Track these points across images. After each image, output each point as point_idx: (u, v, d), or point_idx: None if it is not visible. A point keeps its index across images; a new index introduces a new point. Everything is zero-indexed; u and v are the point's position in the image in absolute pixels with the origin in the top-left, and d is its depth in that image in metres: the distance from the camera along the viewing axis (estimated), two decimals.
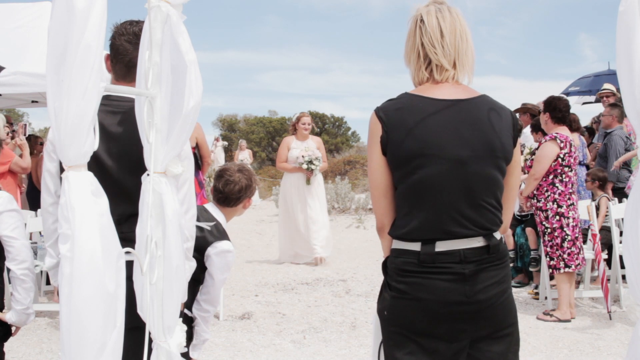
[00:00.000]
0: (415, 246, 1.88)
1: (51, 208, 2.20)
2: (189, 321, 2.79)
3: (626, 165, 6.87)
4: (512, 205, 2.06)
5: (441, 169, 1.85)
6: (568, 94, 10.97)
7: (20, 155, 6.32)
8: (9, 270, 2.55)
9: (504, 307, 1.91)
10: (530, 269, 6.19)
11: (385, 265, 1.99)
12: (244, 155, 17.97)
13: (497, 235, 1.93)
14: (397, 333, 1.91)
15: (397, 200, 1.94)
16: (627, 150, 6.86)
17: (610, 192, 6.49)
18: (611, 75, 10.49)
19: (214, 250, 2.78)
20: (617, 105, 7.06)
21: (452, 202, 1.86)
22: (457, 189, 1.85)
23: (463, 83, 1.98)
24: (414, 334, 1.88)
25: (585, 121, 8.74)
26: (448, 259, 1.85)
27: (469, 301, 1.85)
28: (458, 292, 1.85)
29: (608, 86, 8.48)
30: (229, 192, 2.95)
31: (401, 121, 1.88)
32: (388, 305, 1.93)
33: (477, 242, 1.87)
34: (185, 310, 2.71)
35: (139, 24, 2.20)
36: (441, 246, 1.86)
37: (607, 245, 5.93)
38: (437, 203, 1.86)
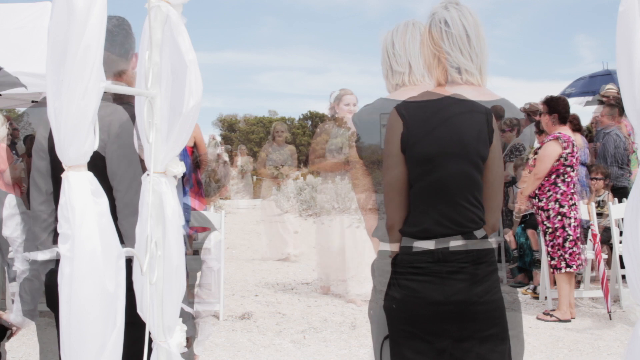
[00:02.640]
0: (395, 247, 1.87)
1: (42, 206, 2.17)
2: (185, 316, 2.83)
3: (626, 165, 6.86)
4: (496, 203, 1.97)
5: (411, 168, 1.84)
6: (568, 95, 10.97)
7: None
8: (9, 271, 2.56)
9: (487, 306, 1.87)
10: (533, 269, 6.19)
11: (372, 269, 1.99)
12: (245, 161, 18.03)
13: (479, 233, 1.89)
14: (382, 333, 1.92)
15: (379, 202, 1.95)
16: (625, 150, 6.85)
17: (610, 191, 6.49)
18: (606, 76, 10.48)
19: (210, 243, 2.86)
20: (614, 105, 7.06)
21: (427, 201, 1.84)
22: (429, 187, 1.84)
23: (432, 82, 1.99)
24: (397, 335, 1.88)
25: (585, 122, 8.74)
26: (426, 258, 1.83)
27: (447, 301, 1.82)
28: (436, 292, 1.82)
29: (613, 86, 8.44)
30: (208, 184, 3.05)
31: (371, 125, 1.91)
32: (373, 306, 1.95)
33: (456, 241, 1.84)
34: (182, 306, 2.73)
35: (111, 20, 2.11)
36: (419, 246, 1.84)
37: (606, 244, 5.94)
38: (411, 203, 1.85)
